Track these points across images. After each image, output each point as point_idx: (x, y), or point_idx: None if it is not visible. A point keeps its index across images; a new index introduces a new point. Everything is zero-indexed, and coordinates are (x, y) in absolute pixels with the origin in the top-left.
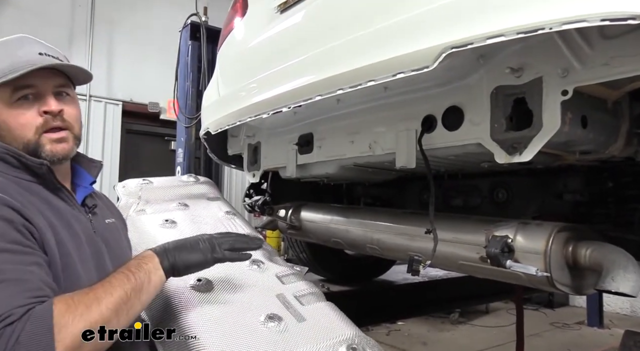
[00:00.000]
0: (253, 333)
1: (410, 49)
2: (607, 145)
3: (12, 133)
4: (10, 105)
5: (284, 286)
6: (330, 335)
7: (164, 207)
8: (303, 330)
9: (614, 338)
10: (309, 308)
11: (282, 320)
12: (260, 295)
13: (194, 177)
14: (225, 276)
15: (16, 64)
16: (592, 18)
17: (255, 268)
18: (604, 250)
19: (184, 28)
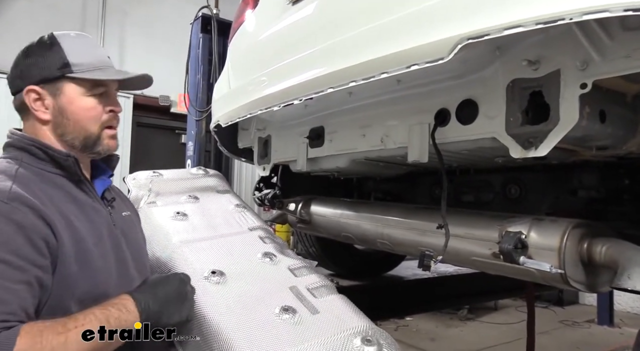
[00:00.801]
0: (269, 325)
1: (425, 40)
2: (625, 140)
3: (78, 123)
4: (85, 98)
5: (297, 278)
6: (344, 327)
7: (174, 199)
8: (317, 322)
9: (624, 337)
10: (321, 300)
11: (296, 312)
12: (273, 287)
13: (204, 170)
14: (238, 268)
15: (99, 63)
16: (614, 8)
17: (267, 261)
18: (620, 247)
19: (195, 21)
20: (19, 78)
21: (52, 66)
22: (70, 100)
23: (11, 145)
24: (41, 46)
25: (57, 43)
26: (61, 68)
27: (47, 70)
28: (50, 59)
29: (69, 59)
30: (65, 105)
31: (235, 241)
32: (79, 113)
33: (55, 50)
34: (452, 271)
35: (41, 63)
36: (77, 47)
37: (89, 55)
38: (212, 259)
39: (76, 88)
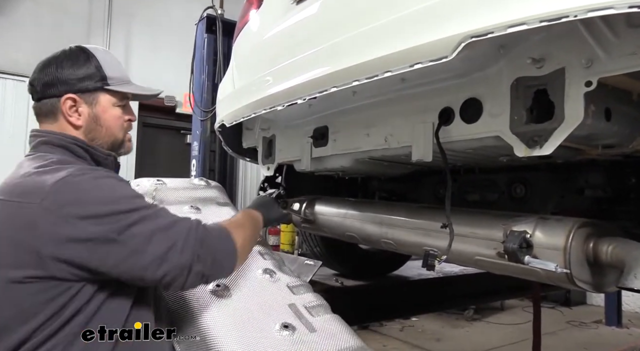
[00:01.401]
0: (269, 340)
1: (428, 38)
2: (631, 138)
3: (109, 130)
4: (115, 108)
5: (295, 296)
6: (338, 346)
7: (177, 209)
8: (314, 340)
9: (632, 338)
10: (318, 319)
11: (295, 329)
12: (274, 304)
13: (205, 181)
14: (241, 283)
15: (126, 77)
16: (619, 5)
17: (267, 277)
18: (627, 246)
19: (200, 21)
20: (53, 85)
21: (91, 78)
22: (104, 109)
23: (48, 142)
24: (77, 58)
25: (93, 56)
26: (100, 80)
27: (87, 81)
28: (89, 70)
29: (106, 73)
30: (99, 114)
31: None
32: (110, 121)
33: (93, 63)
34: (458, 271)
35: (80, 73)
36: (110, 62)
37: (119, 70)
38: None
39: (109, 99)
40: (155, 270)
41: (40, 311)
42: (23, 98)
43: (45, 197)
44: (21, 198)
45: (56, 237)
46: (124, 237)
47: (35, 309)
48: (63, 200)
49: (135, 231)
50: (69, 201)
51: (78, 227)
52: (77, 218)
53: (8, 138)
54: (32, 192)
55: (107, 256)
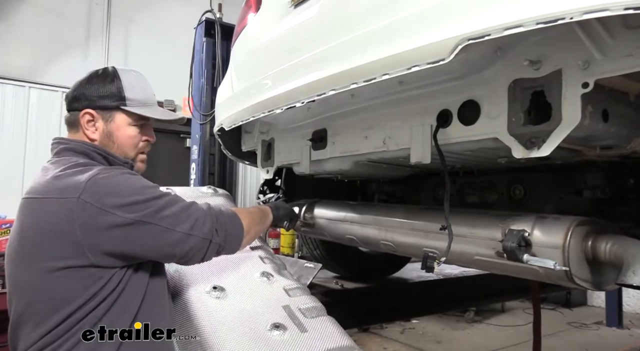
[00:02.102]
0: (259, 339)
1: (425, 41)
2: (629, 139)
3: (121, 147)
4: (130, 127)
5: (290, 298)
6: (329, 346)
7: None
8: (304, 340)
9: (633, 339)
10: (311, 320)
11: (286, 329)
12: (268, 305)
13: (213, 189)
14: (238, 285)
15: (147, 100)
16: (614, 7)
17: (265, 280)
18: (625, 243)
19: (199, 25)
20: (78, 99)
21: (111, 97)
22: (118, 127)
23: (71, 149)
24: (105, 76)
25: (118, 77)
26: (118, 100)
27: (107, 100)
28: (110, 90)
29: (125, 94)
30: (113, 131)
31: (237, 259)
32: (123, 139)
33: (115, 83)
34: (458, 273)
35: (102, 92)
36: (134, 84)
37: (141, 93)
38: (215, 274)
39: (125, 119)
40: (183, 245)
41: (74, 300)
42: (22, 103)
43: (82, 192)
44: (59, 194)
45: (95, 226)
46: (156, 219)
47: (70, 296)
48: (99, 193)
49: (164, 214)
50: (104, 194)
51: (116, 215)
52: (114, 207)
53: (7, 143)
54: (68, 188)
55: (143, 236)
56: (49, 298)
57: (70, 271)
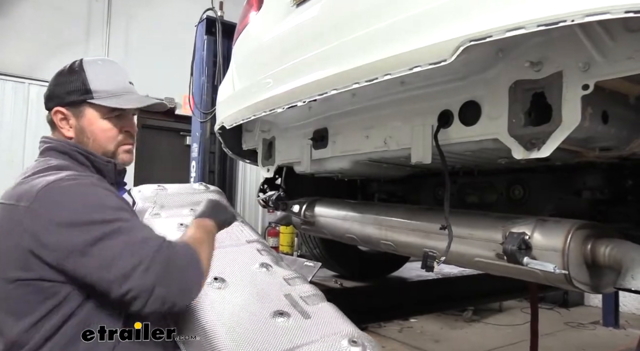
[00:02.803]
0: (264, 327)
1: (428, 42)
2: (628, 141)
3: (96, 141)
4: (102, 120)
5: (291, 287)
6: (332, 331)
7: (177, 212)
8: (308, 326)
9: (629, 339)
10: (313, 307)
11: (290, 316)
12: (269, 294)
13: (205, 186)
14: (238, 276)
15: (119, 89)
16: (615, 10)
17: (264, 270)
18: (624, 248)
19: (200, 23)
20: (50, 98)
21: (76, 91)
22: (90, 122)
23: (53, 148)
24: (70, 71)
25: (82, 70)
26: (84, 94)
27: (73, 95)
28: (75, 84)
29: (91, 86)
30: (85, 126)
31: (235, 252)
32: (97, 134)
33: (80, 77)
34: (457, 272)
35: (68, 88)
36: (101, 75)
37: (110, 83)
38: (215, 267)
39: (95, 112)
40: (119, 287)
41: (31, 313)
42: (22, 99)
43: (33, 200)
44: (15, 201)
45: (38, 240)
46: (94, 249)
47: (27, 309)
48: (45, 205)
49: (104, 245)
50: (49, 206)
51: (54, 234)
52: (54, 225)
53: (7, 140)
54: (24, 195)
55: (79, 266)
56: (9, 309)
57: (23, 283)
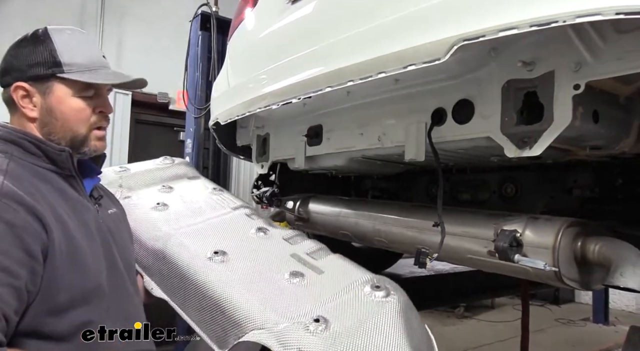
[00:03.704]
0: (283, 289)
1: (422, 40)
2: (618, 140)
3: (66, 123)
4: (74, 99)
5: (294, 246)
6: (351, 279)
7: (149, 192)
8: (326, 281)
9: (619, 335)
10: (322, 261)
11: (304, 275)
12: (276, 258)
13: (170, 159)
14: (237, 246)
15: (93, 63)
16: (606, 11)
17: (262, 235)
18: (613, 245)
19: (195, 18)
20: (7, 73)
21: (43, 64)
22: (59, 100)
23: (0, 137)
24: (34, 41)
25: (49, 39)
26: (52, 67)
27: (38, 68)
28: (42, 56)
29: (60, 58)
30: (54, 105)
31: (225, 221)
32: (67, 114)
33: (47, 47)
34: (449, 269)
35: (32, 59)
36: (71, 45)
37: (83, 55)
38: (209, 241)
39: (65, 89)
40: None
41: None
42: None
43: None
44: None
45: None
46: None
47: None
48: None
49: None
50: None
51: None
52: None
53: None
54: None
55: None
56: None
57: None
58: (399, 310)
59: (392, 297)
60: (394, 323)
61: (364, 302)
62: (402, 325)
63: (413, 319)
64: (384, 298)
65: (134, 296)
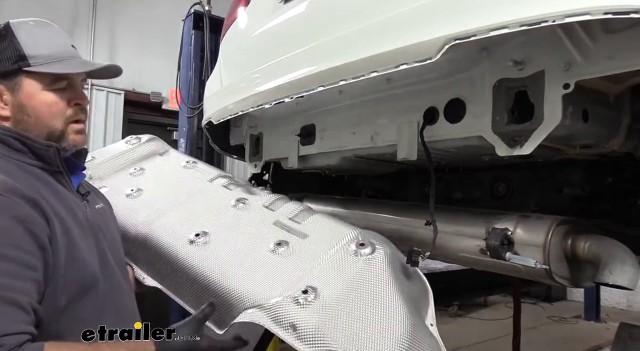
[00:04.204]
0: (270, 262)
1: (414, 40)
2: (607, 139)
3: (40, 119)
4: (45, 92)
5: (275, 212)
6: (336, 240)
7: (120, 178)
8: (310, 245)
9: (610, 332)
10: (305, 224)
11: (288, 243)
12: (258, 229)
13: (136, 138)
14: (218, 223)
15: (60, 53)
16: (595, 11)
17: (242, 206)
18: (603, 243)
19: (187, 17)
20: None
21: (7, 60)
22: (30, 96)
23: None
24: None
25: (11, 33)
26: (17, 61)
27: (3, 64)
28: (6, 52)
29: (25, 51)
30: (24, 101)
31: (202, 198)
32: (40, 109)
33: (10, 42)
34: (442, 268)
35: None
36: (35, 37)
37: (49, 46)
38: (189, 221)
39: (35, 83)
40: None
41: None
42: None
43: None
44: None
45: None
46: None
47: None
48: None
49: None
50: None
51: None
52: None
53: None
54: None
55: None
56: None
57: None
58: (386, 265)
59: (377, 252)
60: (383, 279)
61: (351, 263)
62: (392, 277)
63: (401, 267)
64: (369, 255)
65: (126, 291)
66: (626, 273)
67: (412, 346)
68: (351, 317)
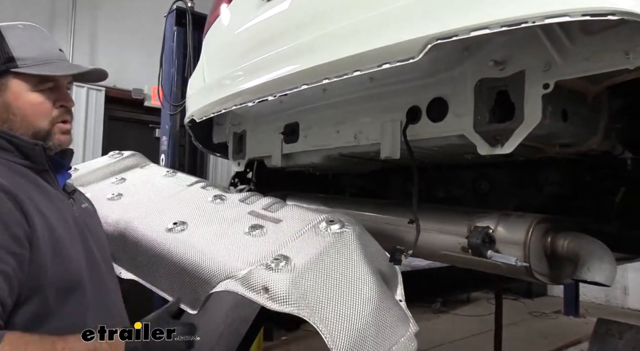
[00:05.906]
0: (245, 242)
1: (396, 39)
2: (586, 138)
3: (26, 119)
4: (32, 93)
5: (250, 205)
6: (308, 221)
7: (102, 186)
8: (284, 227)
9: (588, 327)
10: (280, 212)
11: (263, 226)
12: (234, 218)
13: (119, 153)
14: (196, 215)
15: (48, 56)
16: (573, 13)
17: (219, 201)
18: (581, 241)
19: (170, 13)
20: None
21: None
22: (16, 96)
23: None
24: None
25: (1, 36)
26: (5, 63)
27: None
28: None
29: (13, 53)
30: (11, 101)
31: (182, 197)
32: (26, 109)
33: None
34: (425, 265)
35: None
36: (24, 40)
37: (37, 49)
38: (168, 216)
39: (22, 84)
40: None
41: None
42: None
43: None
44: None
45: None
46: None
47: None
48: None
49: None
50: None
51: None
52: None
53: None
54: None
55: None
56: None
57: None
58: (356, 238)
59: (347, 228)
60: (352, 250)
61: (321, 236)
62: (360, 250)
63: (370, 245)
64: (339, 229)
65: (113, 289)
66: (604, 270)
67: (379, 310)
68: (321, 281)
